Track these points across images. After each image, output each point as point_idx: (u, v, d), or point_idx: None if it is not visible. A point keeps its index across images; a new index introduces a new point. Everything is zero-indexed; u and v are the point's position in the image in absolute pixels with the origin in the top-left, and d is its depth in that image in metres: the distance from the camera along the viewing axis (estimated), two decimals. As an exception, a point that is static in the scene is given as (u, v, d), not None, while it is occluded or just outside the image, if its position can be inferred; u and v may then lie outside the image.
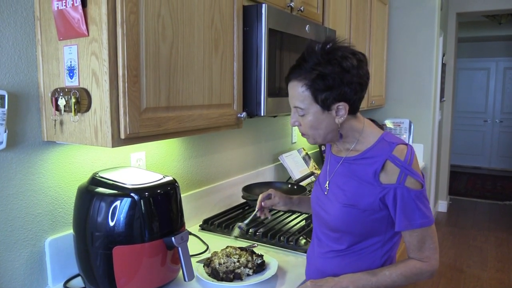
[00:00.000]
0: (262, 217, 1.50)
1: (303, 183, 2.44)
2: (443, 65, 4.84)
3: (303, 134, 1.22)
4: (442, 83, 4.84)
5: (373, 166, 1.14)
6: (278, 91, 1.68)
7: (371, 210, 1.14)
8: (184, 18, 1.26)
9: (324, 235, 1.27)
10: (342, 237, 1.21)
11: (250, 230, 1.74)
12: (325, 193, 1.25)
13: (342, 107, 1.12)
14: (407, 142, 1.18)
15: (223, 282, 1.31)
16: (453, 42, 5.18)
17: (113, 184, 1.20)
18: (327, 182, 1.26)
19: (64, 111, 1.17)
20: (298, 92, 1.14)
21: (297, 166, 2.61)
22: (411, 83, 3.71)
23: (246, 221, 1.49)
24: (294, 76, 1.15)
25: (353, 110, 1.16)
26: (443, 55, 4.82)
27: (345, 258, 1.22)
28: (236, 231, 1.52)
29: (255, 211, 1.47)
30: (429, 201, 4.62)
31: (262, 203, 1.45)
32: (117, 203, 1.16)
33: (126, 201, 1.16)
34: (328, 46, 1.13)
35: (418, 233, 1.13)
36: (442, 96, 4.91)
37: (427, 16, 3.61)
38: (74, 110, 1.13)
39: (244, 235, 1.73)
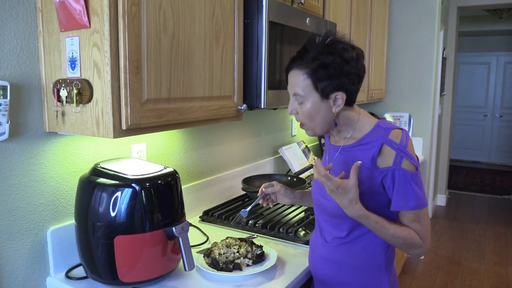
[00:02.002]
0: (265, 205, 1.54)
1: (302, 176, 2.45)
2: (444, 59, 4.83)
3: (301, 125, 1.25)
4: (442, 77, 4.84)
5: (371, 151, 1.18)
6: (278, 83, 1.68)
7: (370, 194, 1.18)
8: (185, 10, 1.27)
9: (326, 222, 1.31)
10: (343, 222, 1.25)
11: (250, 222, 1.75)
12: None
13: (340, 97, 1.17)
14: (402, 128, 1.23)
15: (223, 272, 1.32)
16: (454, 36, 5.17)
17: (114, 174, 1.22)
18: (327, 171, 1.28)
19: (66, 102, 1.18)
20: (299, 80, 1.18)
21: (296, 159, 2.63)
22: (411, 77, 3.71)
23: (249, 208, 1.53)
24: (295, 65, 1.19)
25: (350, 102, 1.20)
26: (444, 49, 4.81)
27: (349, 245, 1.26)
28: (239, 217, 1.55)
29: (258, 198, 1.52)
30: (428, 195, 4.59)
31: (263, 189, 1.50)
32: (119, 193, 1.18)
33: (127, 192, 1.17)
34: (328, 39, 1.17)
35: (412, 213, 1.17)
36: (442, 90, 4.91)
37: (428, 10, 3.60)
38: (76, 101, 1.13)
39: (244, 226, 1.74)
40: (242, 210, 1.54)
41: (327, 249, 1.31)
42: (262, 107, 1.60)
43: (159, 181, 1.23)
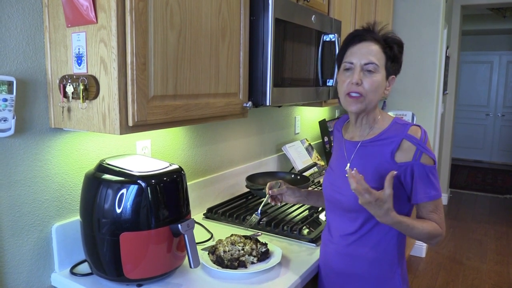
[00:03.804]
0: (273, 204, 1.56)
1: (306, 174, 2.45)
2: (447, 58, 4.82)
3: (357, 96, 1.22)
4: (445, 76, 4.83)
5: (390, 146, 1.22)
6: (283, 81, 1.68)
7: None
8: (192, 6, 1.26)
9: (340, 217, 1.33)
10: (358, 216, 1.27)
11: (254, 219, 1.75)
12: (346, 175, 1.28)
13: (393, 82, 1.27)
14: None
15: (228, 269, 1.32)
16: (457, 34, 5.15)
17: (120, 171, 1.21)
18: (348, 164, 1.31)
19: (72, 98, 1.17)
20: (376, 50, 1.23)
21: (300, 157, 2.62)
22: (414, 75, 3.70)
23: (260, 209, 1.56)
24: (370, 35, 1.24)
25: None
26: (447, 48, 4.80)
27: (364, 240, 1.28)
28: (254, 219, 1.56)
29: (266, 197, 1.53)
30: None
31: (270, 191, 1.51)
32: (124, 190, 1.17)
33: (133, 188, 1.17)
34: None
35: (431, 204, 1.22)
36: (445, 89, 4.90)
37: (432, 9, 3.59)
38: (82, 97, 1.13)
39: (250, 224, 1.74)
40: (255, 212, 1.56)
41: (341, 244, 1.32)
42: (268, 104, 1.59)
43: (165, 178, 1.23)
